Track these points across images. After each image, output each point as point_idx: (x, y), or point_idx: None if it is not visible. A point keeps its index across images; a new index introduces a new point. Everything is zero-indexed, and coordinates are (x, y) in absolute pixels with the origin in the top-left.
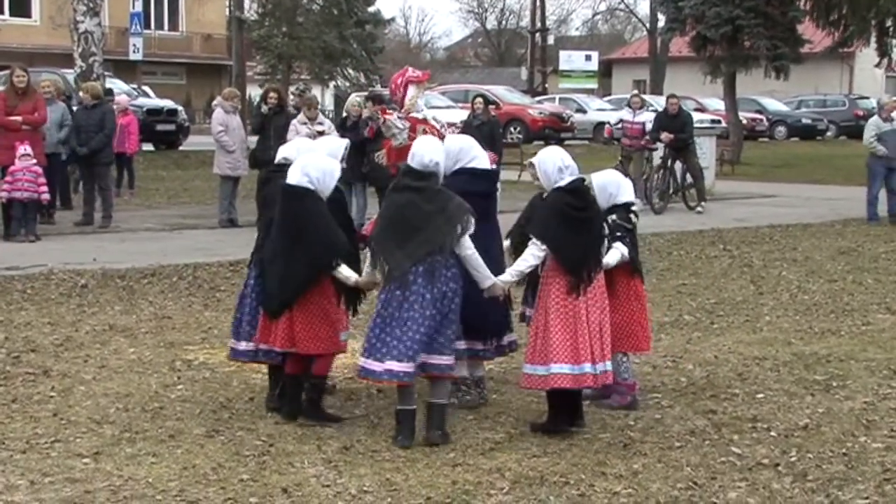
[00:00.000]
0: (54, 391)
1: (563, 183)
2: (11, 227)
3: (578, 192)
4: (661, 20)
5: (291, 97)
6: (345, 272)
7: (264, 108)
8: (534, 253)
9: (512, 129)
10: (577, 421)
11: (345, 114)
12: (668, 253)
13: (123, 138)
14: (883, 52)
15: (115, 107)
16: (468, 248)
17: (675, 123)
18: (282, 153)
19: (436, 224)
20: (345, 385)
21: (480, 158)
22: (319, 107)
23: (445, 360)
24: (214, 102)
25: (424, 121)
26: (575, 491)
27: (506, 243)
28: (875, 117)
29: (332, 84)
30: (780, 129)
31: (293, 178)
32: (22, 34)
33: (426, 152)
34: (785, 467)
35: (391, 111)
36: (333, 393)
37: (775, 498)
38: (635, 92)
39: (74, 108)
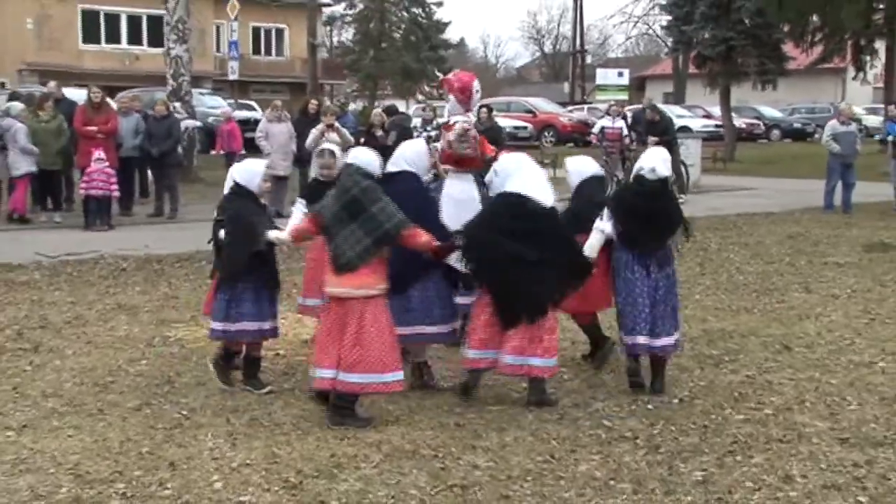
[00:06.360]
0: (31, 366)
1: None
2: (88, 218)
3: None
4: None
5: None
6: None
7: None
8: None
9: (546, 133)
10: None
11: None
12: None
13: (230, 140)
14: (858, 67)
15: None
16: None
17: (658, 127)
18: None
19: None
20: (287, 360)
21: None
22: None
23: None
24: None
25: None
26: (439, 464)
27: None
28: (833, 121)
29: (411, 98)
30: (775, 132)
31: (550, 198)
32: (158, 62)
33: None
34: (644, 440)
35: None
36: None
37: (622, 470)
38: (612, 102)
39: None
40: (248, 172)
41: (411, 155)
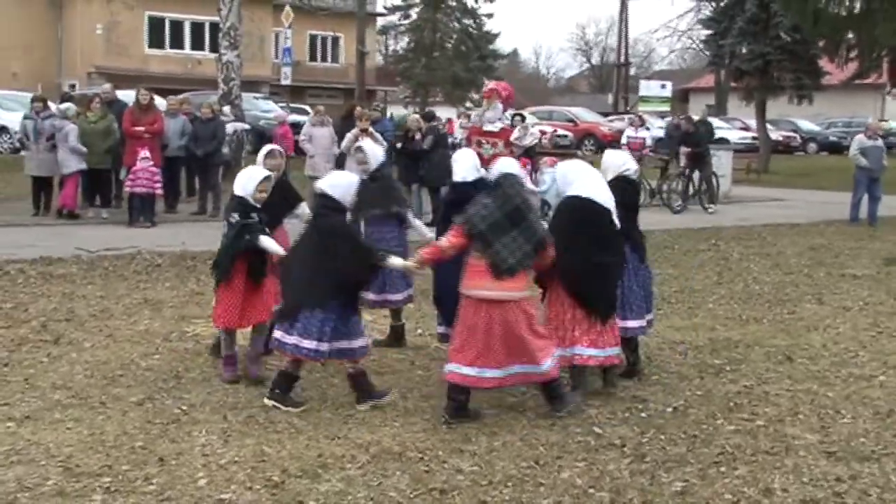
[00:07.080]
0: (48, 357)
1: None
2: (132, 215)
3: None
4: None
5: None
6: None
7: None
8: None
9: (587, 141)
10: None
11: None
12: (664, 247)
13: (282, 143)
14: (894, 82)
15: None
16: None
17: (693, 139)
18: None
19: None
20: None
21: None
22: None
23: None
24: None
25: (485, 132)
26: (423, 467)
27: None
28: (860, 135)
29: (460, 106)
30: (812, 145)
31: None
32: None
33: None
34: (631, 449)
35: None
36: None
37: (604, 478)
38: (637, 113)
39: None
40: (341, 187)
41: (479, 163)
